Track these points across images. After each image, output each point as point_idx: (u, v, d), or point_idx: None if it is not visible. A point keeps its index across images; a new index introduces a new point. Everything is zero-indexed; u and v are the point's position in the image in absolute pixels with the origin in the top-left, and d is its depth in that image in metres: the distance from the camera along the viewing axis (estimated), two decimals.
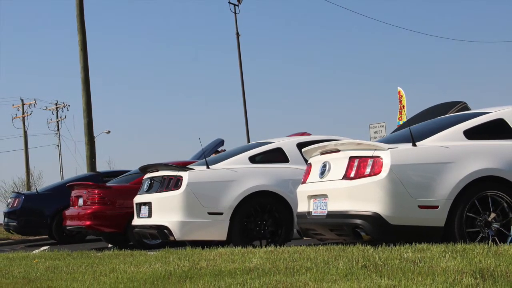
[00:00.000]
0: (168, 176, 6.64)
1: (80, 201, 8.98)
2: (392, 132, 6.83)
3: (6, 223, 11.54)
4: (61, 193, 10.86)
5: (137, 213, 7.08)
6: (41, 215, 11.10)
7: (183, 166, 6.71)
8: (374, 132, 19.27)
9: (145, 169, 7.16)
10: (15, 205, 11.38)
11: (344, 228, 4.74)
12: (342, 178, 4.79)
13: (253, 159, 6.67)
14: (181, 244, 6.98)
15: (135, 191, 7.49)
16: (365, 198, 4.58)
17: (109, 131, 36.59)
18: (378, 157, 4.61)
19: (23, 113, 37.36)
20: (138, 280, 3.78)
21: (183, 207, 6.29)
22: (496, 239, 4.55)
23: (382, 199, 4.51)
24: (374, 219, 4.51)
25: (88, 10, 17.28)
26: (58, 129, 39.81)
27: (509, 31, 46.63)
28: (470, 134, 4.81)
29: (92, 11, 55.72)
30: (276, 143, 6.87)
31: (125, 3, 56.40)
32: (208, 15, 54.56)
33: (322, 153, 5.26)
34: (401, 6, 49.06)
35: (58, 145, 39.73)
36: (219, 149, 11.12)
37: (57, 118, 39.88)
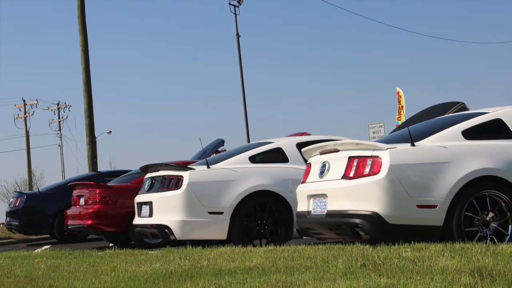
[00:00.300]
0: (168, 176, 6.67)
1: (82, 201, 9.02)
2: (391, 132, 6.85)
3: (8, 223, 11.58)
4: (62, 192, 10.91)
5: (138, 213, 7.12)
6: (42, 215, 11.14)
7: (183, 166, 6.75)
8: (373, 132, 19.28)
9: (146, 169, 7.19)
10: (17, 204, 11.42)
11: (344, 228, 4.77)
12: (342, 178, 4.81)
13: (253, 159, 6.69)
14: (182, 243, 7.01)
15: (136, 191, 7.52)
16: (364, 197, 4.61)
17: (110, 131, 36.62)
18: (377, 157, 4.63)
19: (25, 113, 37.41)
20: (139, 279, 3.80)
21: (184, 207, 6.32)
22: (494, 238, 4.57)
23: (381, 199, 4.53)
24: (373, 218, 4.54)
25: (89, 10, 17.32)
26: (59, 129, 39.87)
27: (507, 32, 46.67)
28: (469, 134, 4.83)
29: (93, 11, 55.80)
30: (276, 143, 6.89)
31: (126, 4, 56.48)
32: (208, 16, 54.67)
33: (321, 153, 5.28)
34: (400, 7, 49.16)
35: (59, 145, 39.79)
36: (220, 149, 11.14)
37: (59, 118, 39.94)
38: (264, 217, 6.45)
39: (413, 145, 4.72)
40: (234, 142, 75.48)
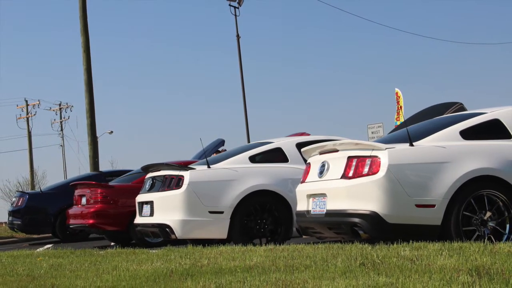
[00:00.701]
0: (169, 175, 6.71)
1: (83, 200, 9.06)
2: (390, 132, 6.89)
3: (11, 222, 11.64)
4: (64, 192, 10.96)
5: (139, 212, 7.15)
6: (45, 214, 11.19)
7: (184, 165, 6.78)
8: (372, 132, 19.28)
9: (147, 168, 7.23)
10: (19, 204, 11.48)
11: (343, 227, 4.80)
12: (341, 178, 4.85)
13: (253, 159, 6.73)
14: (183, 242, 7.05)
15: (137, 190, 7.56)
16: (363, 197, 4.64)
17: (111, 131, 36.66)
18: (376, 156, 4.66)
19: (27, 113, 37.46)
20: (140, 277, 3.82)
21: (185, 206, 6.35)
22: (492, 237, 4.60)
23: (380, 198, 4.56)
24: (372, 217, 4.57)
25: (90, 11, 17.37)
26: (61, 129, 39.93)
27: (505, 32, 46.71)
28: (467, 134, 4.86)
29: (94, 12, 55.86)
30: (276, 143, 6.92)
31: (127, 5, 56.56)
32: (209, 17, 54.75)
33: (321, 153, 5.32)
34: (399, 8, 49.25)
35: (61, 145, 39.85)
36: (220, 149, 11.18)
37: (61, 118, 39.99)
38: (264, 217, 6.48)
39: (411, 145, 4.75)
40: (234, 142, 75.55)
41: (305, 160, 6.03)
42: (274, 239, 6.42)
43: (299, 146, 6.73)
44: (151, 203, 6.82)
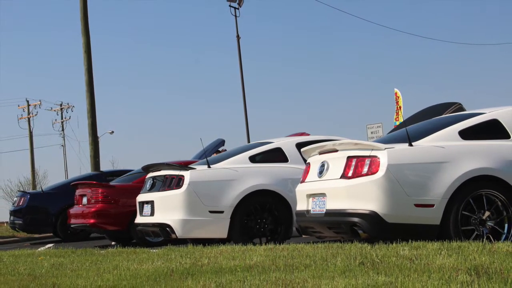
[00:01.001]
0: (170, 175, 6.73)
1: (84, 200, 9.09)
2: (389, 132, 6.91)
3: (12, 221, 11.68)
4: (65, 192, 10.99)
5: (139, 212, 7.18)
6: (46, 214, 11.23)
7: (184, 165, 6.80)
8: (372, 132, 19.29)
9: (147, 168, 7.25)
10: (20, 203, 11.52)
11: (342, 226, 4.82)
12: (340, 177, 4.86)
13: (253, 159, 6.75)
14: (183, 241, 7.07)
15: (137, 190, 7.58)
16: (362, 197, 4.65)
17: (112, 131, 36.74)
18: (375, 156, 4.68)
19: (29, 113, 37.49)
20: (141, 276, 3.83)
21: (185, 206, 6.38)
22: (491, 236, 4.62)
23: (379, 198, 4.58)
24: (372, 217, 4.59)
25: (91, 12, 17.39)
26: (62, 130, 39.96)
27: (504, 33, 46.67)
28: (465, 134, 4.88)
29: (95, 13, 55.91)
30: (276, 143, 6.94)
31: (127, 6, 56.60)
32: (209, 18, 54.79)
33: (320, 153, 5.34)
34: (398, 8, 49.29)
35: (62, 145, 39.89)
36: (220, 149, 11.20)
37: (62, 118, 40.02)
38: (264, 216, 6.50)
39: (410, 145, 4.77)
40: (234, 142, 75.57)
41: (305, 160, 6.05)
42: (274, 238, 6.44)
43: (299, 146, 6.75)
44: (151, 202, 6.85)
